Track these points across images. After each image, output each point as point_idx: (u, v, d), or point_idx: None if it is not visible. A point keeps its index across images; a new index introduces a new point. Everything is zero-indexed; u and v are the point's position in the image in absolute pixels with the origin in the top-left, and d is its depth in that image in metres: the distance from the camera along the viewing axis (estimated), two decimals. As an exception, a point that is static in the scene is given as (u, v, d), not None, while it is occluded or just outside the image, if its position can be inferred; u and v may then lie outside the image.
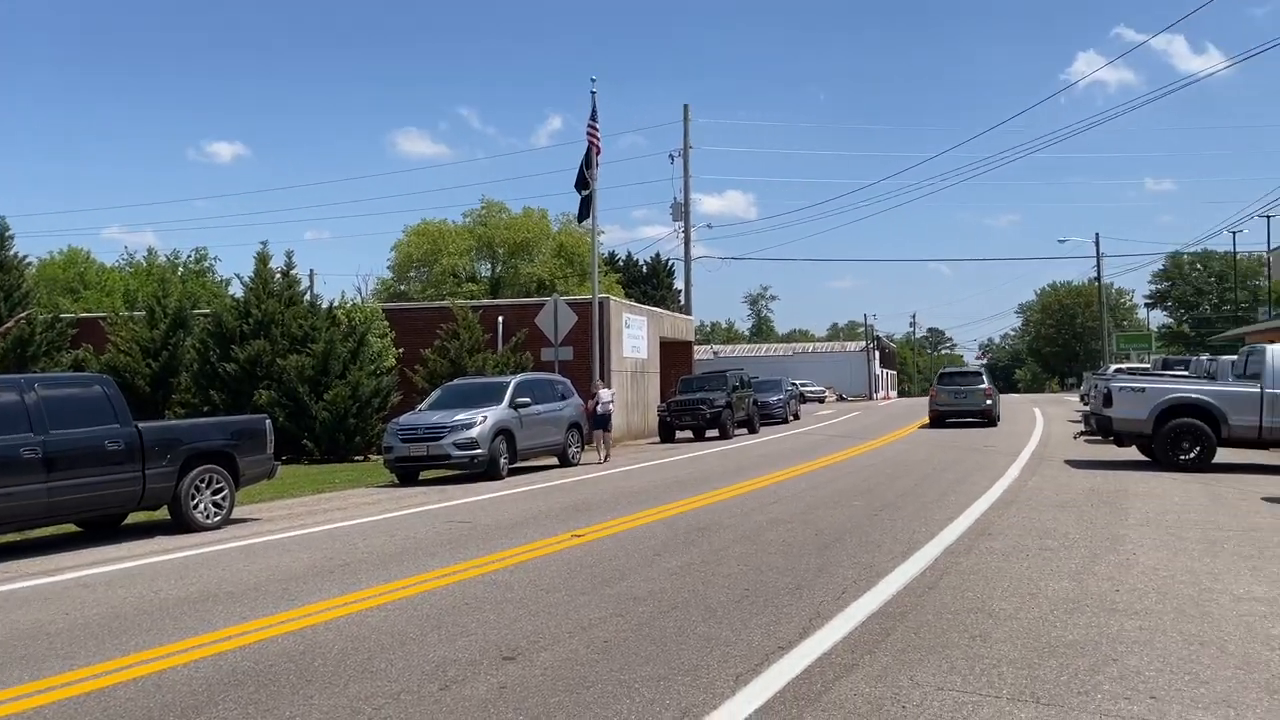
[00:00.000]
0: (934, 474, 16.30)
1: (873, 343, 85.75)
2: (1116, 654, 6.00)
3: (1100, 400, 17.89)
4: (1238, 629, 6.54)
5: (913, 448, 22.14)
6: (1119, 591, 7.64)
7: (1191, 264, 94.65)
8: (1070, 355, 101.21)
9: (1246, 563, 8.77)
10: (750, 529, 10.92)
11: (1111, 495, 13.30)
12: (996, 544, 9.72)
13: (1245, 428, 16.49)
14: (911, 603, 7.36)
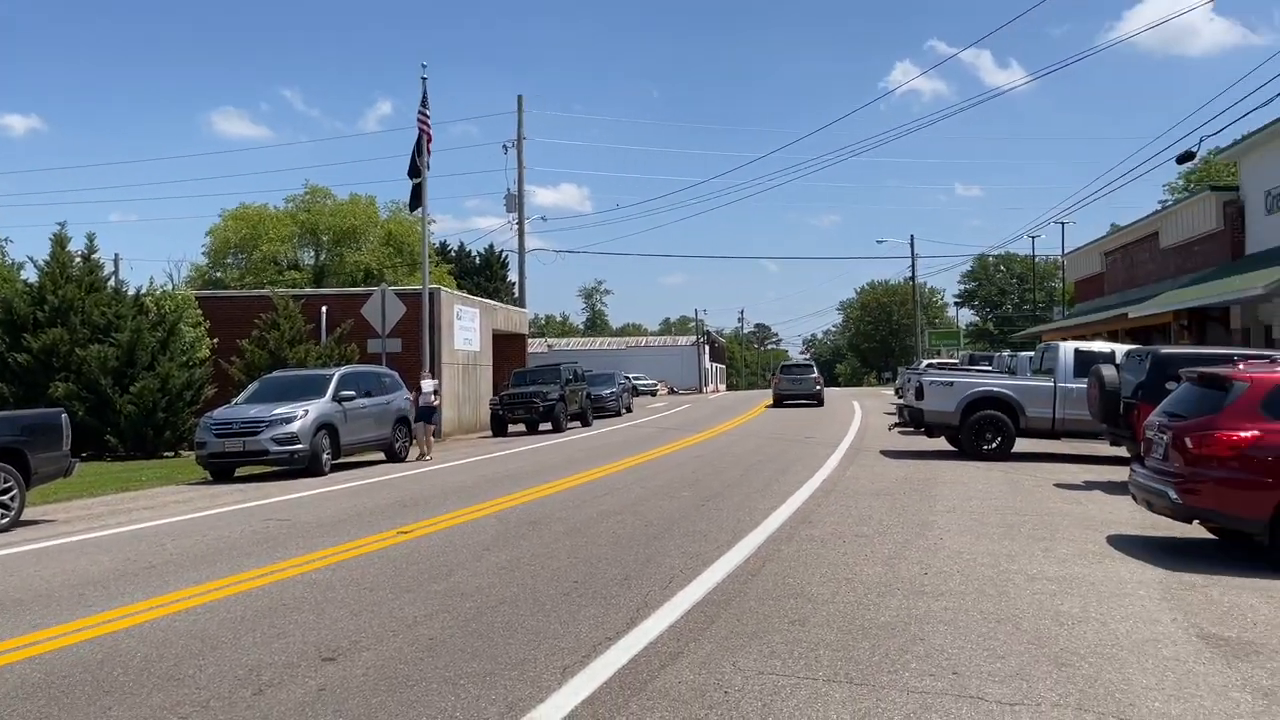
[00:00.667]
0: (759, 465, 16.79)
1: (703, 337, 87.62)
2: (924, 633, 6.32)
3: (913, 394, 18.85)
4: (1031, 607, 7.02)
5: (740, 440, 22.74)
6: (927, 574, 8.06)
7: (996, 266, 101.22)
8: (887, 351, 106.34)
9: (1040, 544, 9.43)
10: (581, 522, 10.94)
11: (922, 483, 14.04)
12: (816, 531, 10.09)
13: (1041, 419, 17.74)
14: (735, 590, 7.54)
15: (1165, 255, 33.31)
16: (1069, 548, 9.28)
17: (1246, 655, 5.93)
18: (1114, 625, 6.54)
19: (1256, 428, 8.54)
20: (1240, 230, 27.63)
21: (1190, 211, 31.37)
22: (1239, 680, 5.46)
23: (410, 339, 26.24)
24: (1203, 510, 8.79)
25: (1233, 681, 5.44)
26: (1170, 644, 6.13)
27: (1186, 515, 8.97)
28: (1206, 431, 8.70)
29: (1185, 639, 6.25)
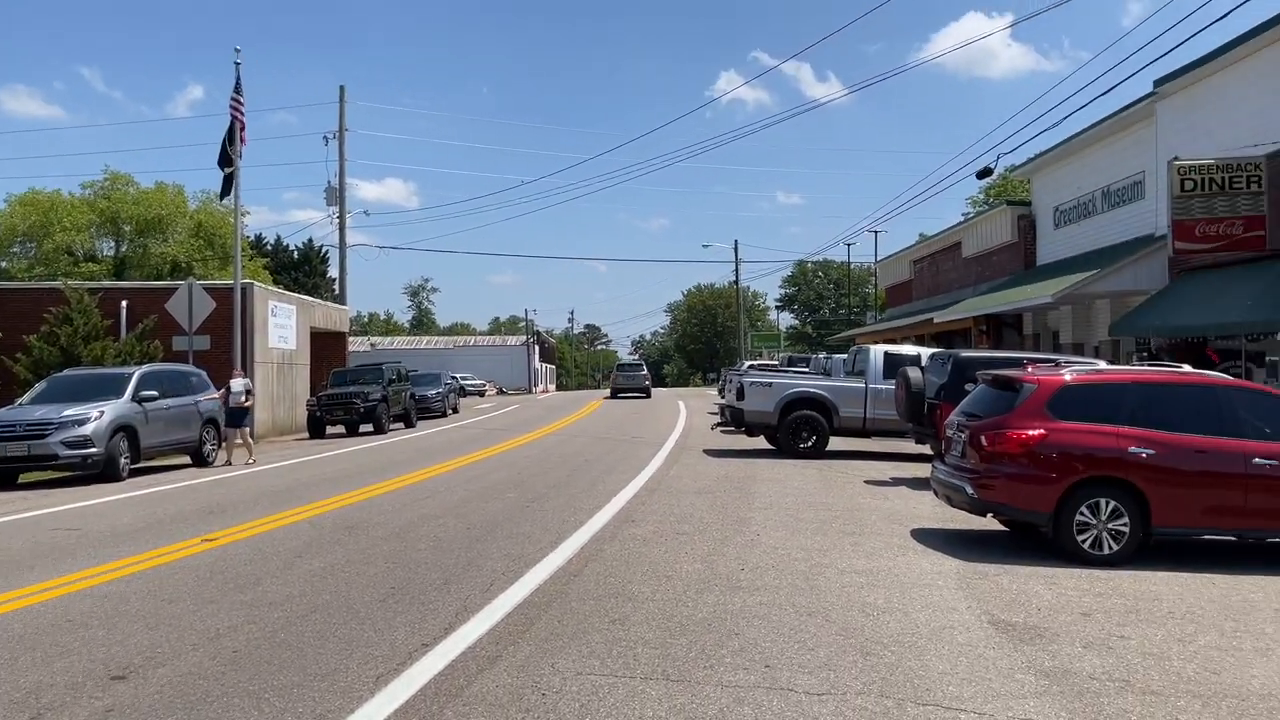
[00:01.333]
0: (585, 465, 16.84)
1: (533, 337, 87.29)
2: (739, 628, 6.48)
3: (734, 394, 19.36)
4: (840, 599, 7.31)
5: (568, 440, 22.75)
6: (744, 570, 8.28)
7: (815, 271, 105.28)
8: (712, 352, 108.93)
9: (849, 539, 9.85)
10: (400, 526, 10.66)
11: (742, 481, 14.43)
12: (639, 530, 10.19)
13: (853, 418, 18.56)
14: (557, 591, 7.52)
15: (967, 264, 35.52)
16: (876, 541, 9.73)
17: (1031, 639, 6.36)
18: (915, 614, 6.89)
19: (1043, 426, 9.19)
20: (1032, 242, 29.77)
21: (989, 224, 33.58)
22: (1024, 662, 5.85)
23: (220, 336, 24.91)
24: (996, 504, 9.39)
25: (1018, 664, 5.82)
26: (964, 630, 6.51)
27: (981, 509, 9.57)
28: (999, 430, 9.31)
29: (978, 625, 6.65)
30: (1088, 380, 9.68)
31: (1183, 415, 9.20)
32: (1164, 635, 6.54)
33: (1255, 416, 9.27)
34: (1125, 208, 23.63)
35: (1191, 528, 9.15)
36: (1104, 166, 24.78)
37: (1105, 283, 21.68)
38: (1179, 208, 17.72)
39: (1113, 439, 9.02)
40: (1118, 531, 8.89)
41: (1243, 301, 16.66)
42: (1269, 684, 5.61)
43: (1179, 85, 20.15)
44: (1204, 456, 8.98)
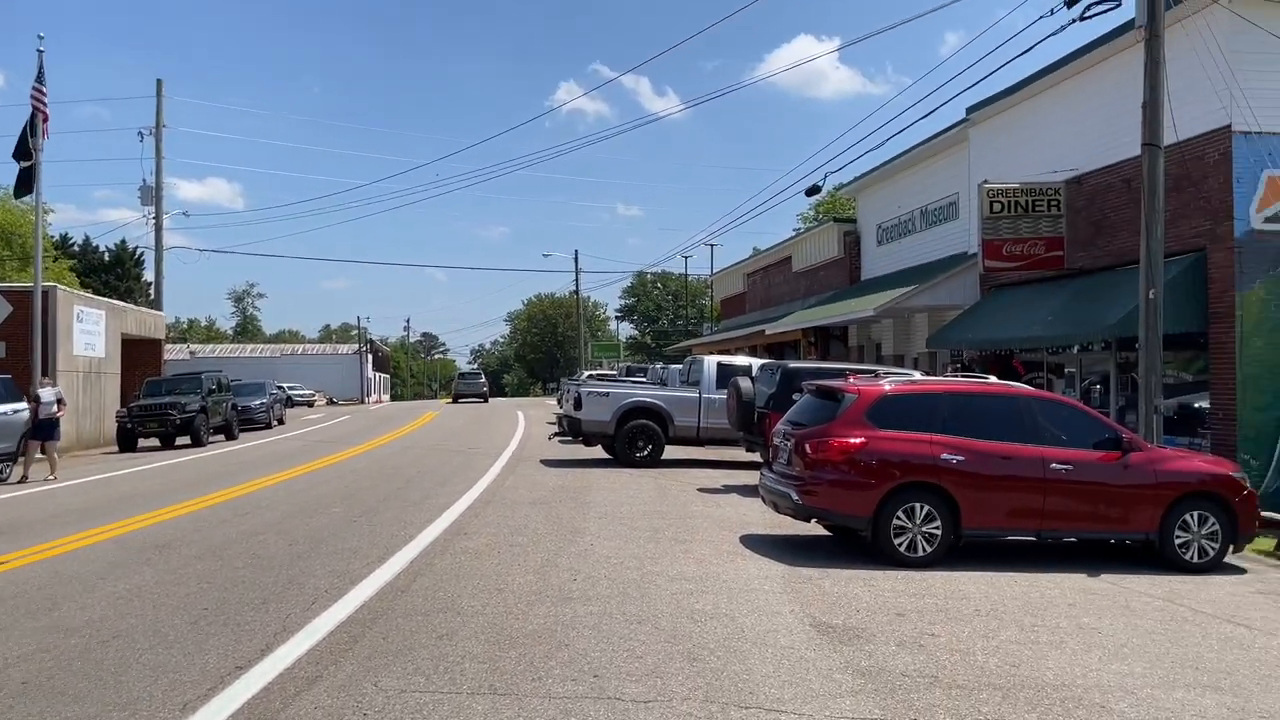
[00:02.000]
0: (419, 477, 16.47)
1: (366, 346, 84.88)
2: (569, 639, 6.46)
3: (571, 404, 19.36)
4: (670, 607, 7.41)
5: (401, 452, 22.20)
6: (576, 580, 8.27)
7: (654, 283, 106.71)
8: (552, 362, 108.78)
9: (680, 546, 10.00)
10: (217, 543, 10.13)
11: (578, 491, 14.43)
12: (472, 543, 10.04)
13: (687, 427, 18.88)
14: (383, 607, 7.31)
15: (797, 278, 36.80)
16: (707, 548, 9.91)
17: (850, 640, 6.61)
18: (741, 619, 7.05)
19: (863, 434, 9.59)
20: (857, 258, 31.13)
21: (817, 240, 34.91)
22: (842, 663, 6.07)
23: (18, 343, 23.09)
24: (819, 510, 9.74)
25: (837, 664, 6.03)
26: (787, 634, 6.70)
27: (806, 514, 9.90)
28: (822, 438, 9.66)
29: (801, 628, 6.87)
30: (904, 390, 10.17)
31: (989, 423, 9.79)
32: (970, 632, 6.92)
33: (1053, 424, 9.96)
34: (941, 227, 25.01)
35: (997, 529, 9.74)
36: (922, 187, 26.17)
37: (922, 298, 22.87)
38: (988, 228, 18.89)
39: (927, 446, 9.50)
40: (931, 534, 9.36)
41: (1044, 317, 17.89)
42: (1061, 674, 6.01)
43: (989, 113, 21.51)
44: (1008, 462, 9.58)
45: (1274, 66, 14.08)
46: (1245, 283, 14.23)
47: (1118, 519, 9.68)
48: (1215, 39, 14.00)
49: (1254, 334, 14.22)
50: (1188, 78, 14.15)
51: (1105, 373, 17.99)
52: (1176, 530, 9.61)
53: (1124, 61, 15.97)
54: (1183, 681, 5.98)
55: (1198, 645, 6.84)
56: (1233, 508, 9.74)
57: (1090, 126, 17.95)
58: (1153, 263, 12.76)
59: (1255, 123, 13.83)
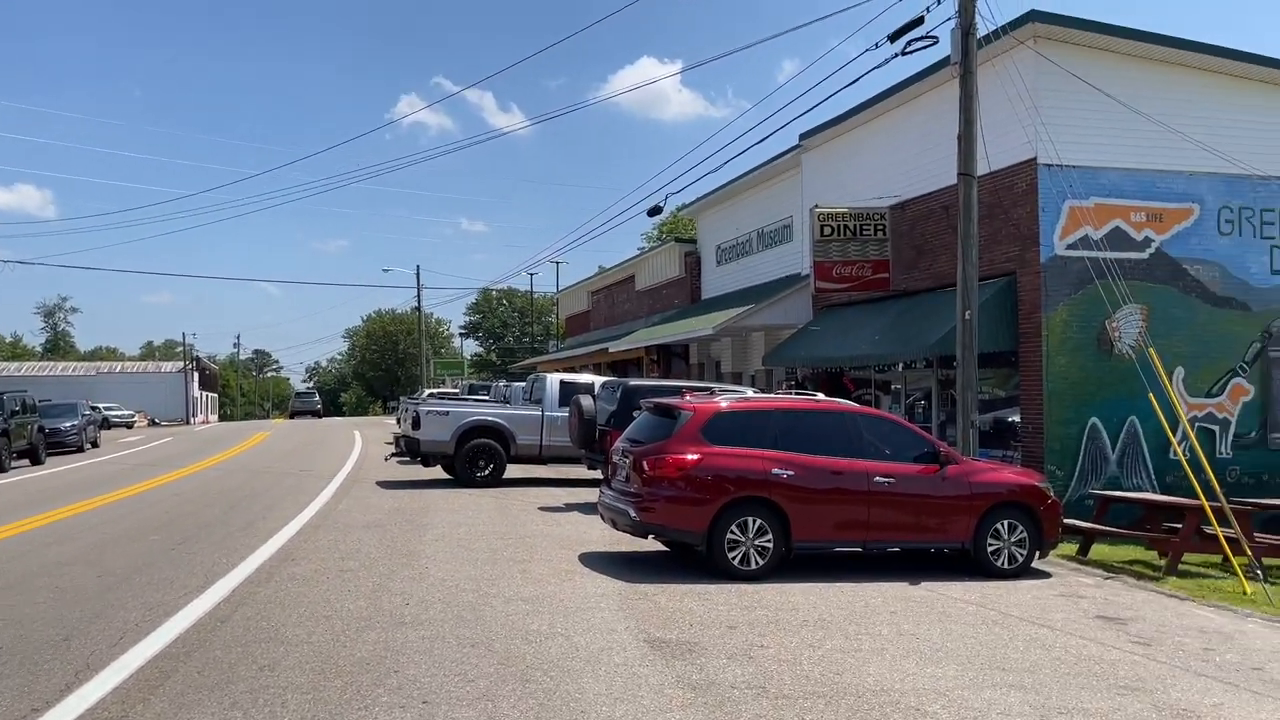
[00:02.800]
0: (245, 501, 15.76)
1: (192, 364, 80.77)
2: (399, 665, 6.30)
3: (410, 423, 18.95)
4: (504, 628, 7.32)
5: (228, 475, 21.18)
6: (409, 605, 8.07)
7: (499, 299, 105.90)
8: (393, 380, 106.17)
9: (518, 566, 9.91)
10: (16, 577, 9.39)
11: (414, 513, 14.11)
12: (300, 569, 9.66)
13: (530, 446, 18.77)
14: (200, 640, 6.94)
15: (640, 297, 37.25)
16: (545, 568, 9.86)
17: (682, 654, 6.70)
18: (576, 638, 7.04)
19: (699, 451, 9.77)
20: (698, 278, 31.77)
21: (660, 259, 35.45)
22: (674, 678, 6.14)
23: None
24: (655, 526, 9.84)
25: (669, 679, 6.10)
26: (621, 651, 6.73)
27: (643, 531, 9.99)
28: (658, 455, 9.78)
29: (634, 645, 6.91)
30: (738, 408, 10.42)
31: (818, 439, 10.14)
32: (798, 642, 7.13)
33: (877, 439, 10.40)
34: (777, 248, 25.83)
35: (826, 541, 10.09)
36: (759, 210, 26.98)
37: (759, 317, 23.54)
38: (819, 250, 19.63)
39: (759, 461, 9.76)
40: (763, 548, 9.60)
41: (871, 336, 18.71)
42: (882, 680, 6.27)
43: (820, 140, 22.39)
44: (835, 476, 9.94)
45: (1073, 104, 15.22)
46: (1051, 305, 15.27)
47: (936, 529, 10.19)
48: (1021, 77, 15.02)
49: (1058, 352, 15.27)
50: (998, 112, 15.12)
51: (928, 389, 18.94)
52: (989, 538, 10.19)
53: (942, 95, 16.94)
54: (990, 682, 6.32)
55: (1005, 647, 7.25)
56: (1039, 516, 10.40)
57: (912, 155, 18.93)
58: (968, 286, 13.54)
59: (1058, 156, 14.90)
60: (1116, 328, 15.27)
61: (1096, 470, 15.25)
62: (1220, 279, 16.04)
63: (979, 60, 13.78)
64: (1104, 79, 15.12)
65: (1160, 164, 15.70)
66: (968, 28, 13.47)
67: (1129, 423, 15.33)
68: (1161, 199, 15.76)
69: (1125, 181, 15.60)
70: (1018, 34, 15.09)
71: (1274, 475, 16.05)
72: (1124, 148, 15.53)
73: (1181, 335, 15.70)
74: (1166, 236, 15.78)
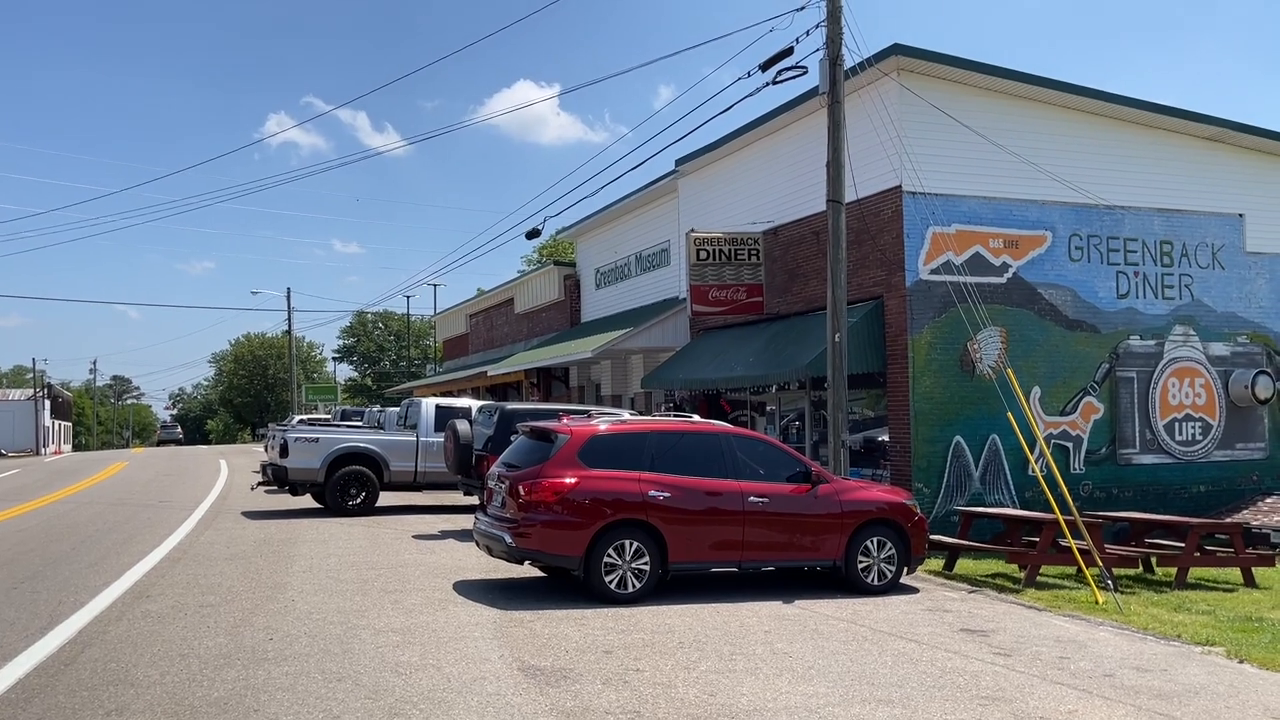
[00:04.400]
0: (98, 535, 14.90)
1: (43, 390, 76.30)
2: (259, 704, 6.02)
3: (277, 451, 18.30)
4: (374, 661, 7.09)
5: (81, 507, 20.01)
6: (273, 640, 7.74)
7: (375, 322, 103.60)
8: (263, 406, 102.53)
9: (390, 597, 9.63)
10: None
11: (282, 544, 13.59)
12: (154, 606, 9.17)
13: (404, 472, 18.36)
14: (42, 684, 6.49)
15: (520, 320, 37.00)
16: (418, 598, 9.61)
17: (557, 681, 6.60)
18: (448, 669, 6.86)
19: (575, 475, 9.70)
20: (578, 301, 31.76)
21: (539, 282, 35.31)
22: (548, 705, 6.04)
23: None
24: (532, 551, 9.71)
25: (542, 707, 6.00)
26: (495, 680, 6.59)
27: (519, 557, 9.85)
28: (535, 480, 9.68)
29: (509, 674, 6.78)
30: (615, 430, 10.41)
31: (694, 461, 10.21)
32: (673, 664, 7.12)
33: (752, 460, 10.53)
34: (655, 272, 26.06)
35: (703, 562, 10.14)
36: (638, 234, 27.18)
37: (637, 340, 23.65)
38: (695, 274, 19.87)
39: (635, 484, 9.75)
40: (640, 570, 9.59)
41: (747, 358, 19.00)
42: (755, 700, 6.30)
43: (696, 165, 22.73)
44: (711, 497, 10.01)
45: (935, 134, 15.85)
46: (915, 327, 15.81)
47: (809, 547, 10.36)
48: (886, 108, 15.58)
49: (924, 373, 15.80)
50: (865, 142, 15.63)
51: (802, 410, 19.34)
52: (859, 556, 10.41)
53: (811, 124, 17.42)
54: (860, 697, 6.43)
55: (874, 662, 7.40)
56: (906, 533, 10.69)
57: (784, 181, 19.39)
58: (838, 309, 13.90)
59: (921, 184, 15.48)
60: (978, 349, 15.92)
61: (961, 487, 15.80)
62: (1072, 303, 16.89)
63: (846, 90, 14.22)
64: (964, 111, 15.81)
65: (1017, 193, 16.48)
66: (835, 58, 13.90)
67: (990, 440, 15.96)
68: (1017, 226, 16.54)
69: (984, 209, 16.31)
70: (882, 66, 15.63)
71: (1123, 489, 16.96)
72: (983, 177, 16.25)
73: (1037, 356, 16.46)
74: (1023, 262, 16.55)
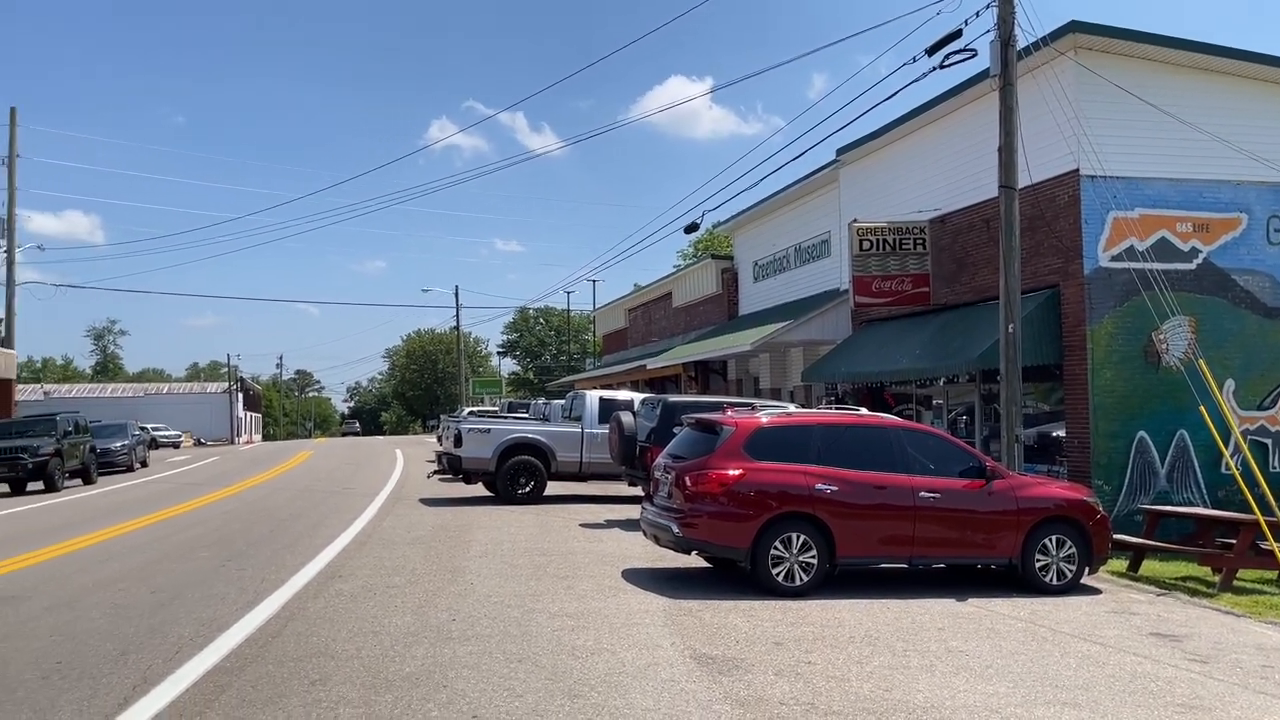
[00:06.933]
0: (291, 519, 15.95)
1: (236, 384, 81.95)
2: (448, 680, 6.34)
3: (452, 441, 19.09)
4: (551, 643, 7.35)
5: (274, 493, 21.46)
6: (455, 620, 8.13)
7: (536, 318, 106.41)
8: (432, 399, 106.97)
9: (562, 583, 9.94)
10: (72, 593, 9.57)
11: (458, 530, 14.20)
12: (346, 586, 9.76)
13: (570, 463, 18.84)
14: (253, 654, 7.03)
15: (677, 313, 37.26)
16: (589, 584, 9.88)
17: (729, 670, 6.68)
18: (622, 654, 7.04)
19: (741, 466, 9.75)
20: (735, 294, 31.74)
21: (696, 276, 35.47)
22: (721, 693, 6.12)
23: None
24: (699, 541, 9.83)
25: (716, 695, 6.09)
26: (668, 667, 6.73)
27: (686, 547, 9.98)
28: (701, 471, 9.78)
29: (681, 661, 6.90)
30: (780, 423, 10.39)
31: (861, 454, 10.08)
32: (845, 658, 7.08)
33: (921, 454, 10.32)
34: (815, 264, 25.76)
35: (870, 557, 10.02)
36: (796, 225, 26.93)
37: (797, 332, 23.46)
38: (858, 265, 19.55)
39: (802, 477, 9.72)
40: (807, 563, 9.56)
41: (912, 351, 18.57)
42: (931, 697, 6.20)
43: (857, 155, 22.33)
44: (879, 491, 9.87)
45: (1115, 114, 15.06)
46: (1095, 317, 15.08)
47: (983, 544, 10.08)
48: (1063, 89, 14.90)
49: (1104, 365, 15.06)
50: (1039, 124, 15.00)
51: (971, 404, 18.76)
52: (1037, 554, 10.06)
53: (980, 108, 16.85)
54: (1044, 699, 6.24)
55: (1057, 664, 7.16)
56: (1088, 531, 10.25)
57: (952, 168, 18.82)
58: (1011, 299, 13.42)
59: (1101, 167, 14.75)
60: (1164, 340, 15.05)
61: (1145, 485, 15.00)
62: (1270, 289, 15.75)
63: (1019, 72, 13.70)
64: (1147, 89, 14.97)
65: (1206, 174, 15.48)
66: (1007, 39, 13.40)
67: (1178, 436, 15.08)
68: (1208, 209, 15.54)
69: (1170, 192, 15.40)
70: (1058, 45, 14.97)
71: (1329, 489, 15.71)
72: (1168, 157, 15.34)
73: (1231, 347, 15.43)
74: (1214, 247, 15.55)
